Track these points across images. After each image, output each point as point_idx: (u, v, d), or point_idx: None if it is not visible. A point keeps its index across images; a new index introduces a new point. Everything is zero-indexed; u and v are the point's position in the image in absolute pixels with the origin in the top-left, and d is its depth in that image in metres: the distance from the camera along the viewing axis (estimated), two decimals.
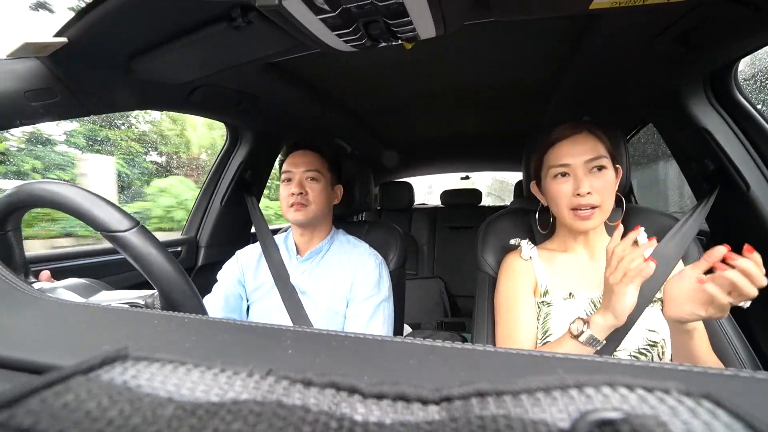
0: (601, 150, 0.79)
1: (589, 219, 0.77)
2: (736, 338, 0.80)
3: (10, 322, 0.36)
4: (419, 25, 0.66)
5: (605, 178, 0.77)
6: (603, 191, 0.77)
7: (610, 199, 0.78)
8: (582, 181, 0.76)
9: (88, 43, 0.75)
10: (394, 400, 0.15)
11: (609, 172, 0.78)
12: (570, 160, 0.78)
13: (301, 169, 1.05)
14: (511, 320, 0.83)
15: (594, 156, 0.77)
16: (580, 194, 0.76)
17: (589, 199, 0.76)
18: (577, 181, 0.77)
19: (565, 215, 0.80)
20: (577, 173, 0.78)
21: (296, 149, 1.11)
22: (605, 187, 0.77)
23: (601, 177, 0.77)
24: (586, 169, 0.78)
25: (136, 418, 0.13)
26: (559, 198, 0.80)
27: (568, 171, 0.79)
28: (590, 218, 0.77)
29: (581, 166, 0.78)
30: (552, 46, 1.03)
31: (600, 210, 0.77)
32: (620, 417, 0.12)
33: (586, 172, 0.77)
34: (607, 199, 0.77)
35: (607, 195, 0.77)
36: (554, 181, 0.81)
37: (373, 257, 1.09)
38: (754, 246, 0.55)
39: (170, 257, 0.50)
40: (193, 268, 1.50)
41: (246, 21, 0.69)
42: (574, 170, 0.78)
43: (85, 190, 0.49)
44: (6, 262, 0.54)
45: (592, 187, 0.76)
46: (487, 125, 1.87)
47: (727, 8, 0.70)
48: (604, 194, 0.77)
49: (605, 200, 0.77)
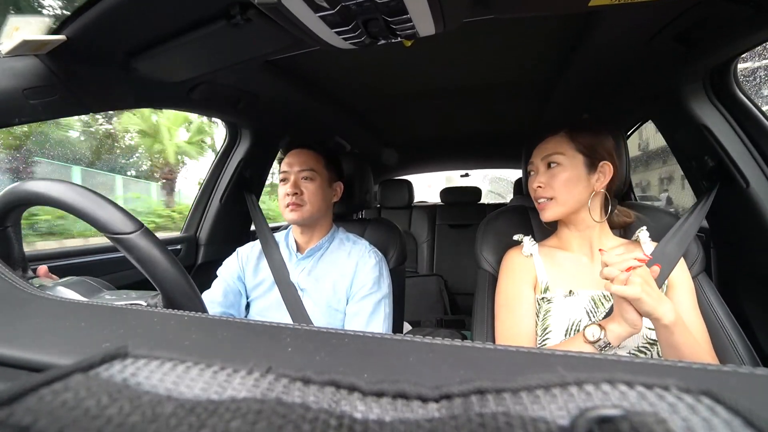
0: (565, 148, 0.83)
1: (544, 209, 0.86)
2: (735, 335, 0.80)
3: (10, 320, 0.36)
4: (418, 22, 0.66)
5: (553, 174, 0.84)
6: (554, 186, 0.83)
7: (565, 193, 0.83)
8: (540, 175, 0.86)
9: (87, 41, 0.74)
10: (394, 397, 0.15)
11: (561, 168, 0.83)
12: (535, 158, 0.89)
13: (296, 169, 1.05)
14: (511, 317, 0.83)
15: (548, 153, 0.85)
16: (534, 188, 0.87)
17: (543, 191, 0.85)
18: (536, 177, 0.87)
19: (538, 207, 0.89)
20: (540, 169, 0.87)
21: (291, 149, 1.11)
22: (556, 183, 0.83)
23: (552, 174, 0.84)
24: (545, 164, 0.86)
25: (135, 416, 0.13)
26: (531, 192, 0.90)
27: (533, 169, 0.90)
28: (543, 208, 0.86)
29: (541, 163, 0.87)
30: (551, 43, 1.03)
31: (555, 202, 0.84)
32: (620, 414, 0.12)
33: (545, 167, 0.86)
34: (561, 194, 0.83)
35: (560, 189, 0.83)
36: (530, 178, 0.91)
37: (374, 254, 1.09)
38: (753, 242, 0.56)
39: (174, 260, 0.50)
40: (192, 266, 1.50)
41: (245, 18, 0.69)
42: (536, 167, 0.88)
43: (91, 191, 0.49)
44: (5, 257, 0.54)
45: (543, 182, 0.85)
46: (486, 123, 1.86)
47: (727, 6, 0.70)
48: (555, 188, 0.83)
49: (559, 194, 0.83)
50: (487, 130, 1.97)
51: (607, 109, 1.36)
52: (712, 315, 0.82)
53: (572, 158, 0.82)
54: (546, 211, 0.85)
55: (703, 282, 0.87)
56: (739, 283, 1.07)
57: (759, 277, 1.00)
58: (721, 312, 0.83)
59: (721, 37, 0.80)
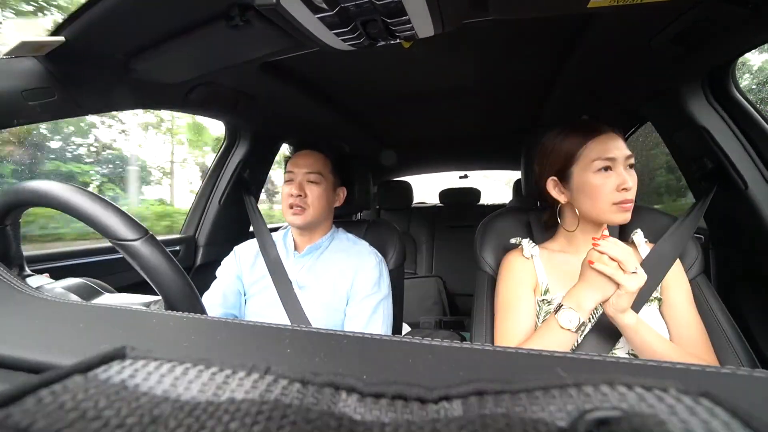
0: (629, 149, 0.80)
1: (629, 211, 0.78)
2: (734, 337, 0.80)
3: (8, 321, 0.35)
4: (417, 23, 0.66)
5: (634, 176, 0.79)
6: (634, 190, 0.78)
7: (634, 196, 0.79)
8: (626, 176, 0.77)
9: (85, 42, 0.74)
10: (393, 399, 0.15)
11: (634, 170, 0.79)
12: (615, 153, 0.78)
13: (303, 171, 1.05)
14: (511, 318, 0.83)
15: (630, 153, 0.79)
16: (627, 188, 0.76)
17: (632, 194, 0.77)
18: (621, 176, 0.77)
19: (606, 209, 0.79)
20: (619, 168, 0.78)
21: (300, 149, 1.10)
22: (635, 186, 0.78)
23: (634, 175, 0.79)
24: (626, 164, 0.79)
25: (133, 417, 0.13)
26: (603, 192, 0.78)
27: (611, 165, 0.78)
28: (629, 210, 0.78)
29: (622, 162, 0.78)
30: (550, 45, 1.03)
31: (632, 204, 0.78)
32: (619, 415, 0.12)
33: (626, 167, 0.79)
34: (634, 196, 0.79)
35: (635, 192, 0.79)
36: (597, 175, 0.79)
37: (373, 255, 1.09)
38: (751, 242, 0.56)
39: (178, 268, 0.50)
40: (191, 267, 1.50)
41: (244, 20, 0.69)
42: (616, 165, 0.78)
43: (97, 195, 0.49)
44: (2, 256, 0.54)
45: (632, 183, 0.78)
46: (485, 124, 1.86)
47: (725, 7, 0.70)
48: (635, 191, 0.78)
49: (634, 197, 0.78)
50: (487, 131, 1.97)
51: (607, 110, 1.37)
52: (710, 316, 0.82)
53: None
54: (629, 213, 0.78)
55: (702, 283, 0.87)
56: (737, 284, 1.08)
57: (758, 279, 1.00)
58: (720, 313, 0.83)
59: (720, 39, 0.80)
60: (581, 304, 0.69)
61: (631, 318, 0.67)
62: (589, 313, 0.69)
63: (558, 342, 0.70)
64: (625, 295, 0.65)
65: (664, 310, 0.79)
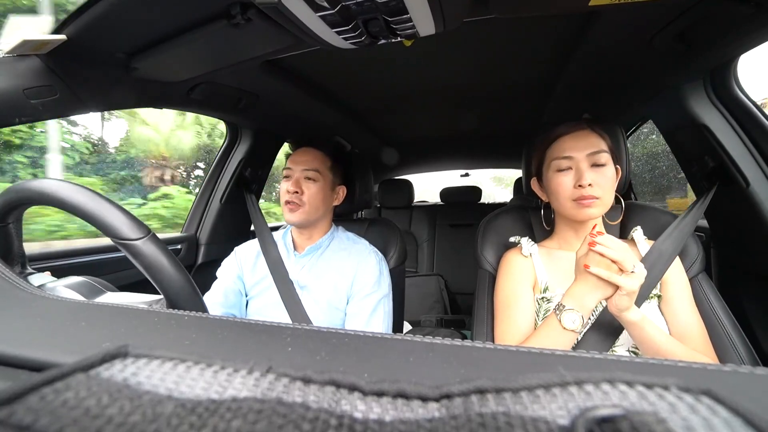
0: (603, 146, 0.80)
1: (590, 207, 0.78)
2: (735, 335, 0.80)
3: (10, 319, 0.36)
4: (418, 22, 0.66)
5: (605, 173, 0.79)
6: (603, 186, 0.78)
7: (609, 194, 0.80)
8: (584, 173, 0.78)
9: (87, 41, 0.74)
10: (394, 397, 0.15)
11: (609, 169, 0.80)
12: (572, 153, 0.80)
13: (300, 168, 1.05)
14: (511, 316, 0.83)
15: (595, 150, 0.79)
16: (582, 185, 0.77)
17: (590, 191, 0.77)
18: (579, 173, 0.79)
19: (567, 206, 0.81)
20: (579, 166, 0.79)
21: (299, 146, 1.10)
22: (605, 183, 0.78)
23: (602, 172, 0.79)
24: (588, 162, 0.79)
25: (135, 415, 0.13)
26: (561, 191, 0.81)
27: (571, 164, 0.80)
28: (591, 206, 0.78)
29: (583, 160, 0.79)
30: (551, 43, 1.03)
31: (601, 201, 0.78)
32: (620, 413, 0.12)
33: (587, 165, 0.79)
34: (606, 194, 0.79)
35: (607, 190, 0.79)
36: (556, 175, 0.82)
37: (374, 254, 1.09)
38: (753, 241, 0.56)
39: (180, 267, 0.50)
40: (193, 266, 1.50)
41: (245, 18, 0.69)
42: (576, 163, 0.80)
43: (99, 194, 0.49)
44: (4, 253, 0.55)
45: (593, 180, 0.77)
46: (487, 122, 1.86)
47: (728, 5, 0.69)
48: (604, 189, 0.78)
49: (605, 194, 0.78)
50: (488, 129, 1.97)
51: (608, 108, 1.36)
52: (711, 315, 0.82)
53: (609, 157, 0.80)
54: (593, 208, 0.78)
55: (703, 281, 0.87)
56: (738, 282, 1.07)
57: (759, 277, 1.00)
58: (721, 311, 0.83)
59: (722, 37, 0.80)
60: (583, 304, 0.69)
61: (636, 315, 0.67)
62: (590, 312, 0.69)
63: (560, 341, 0.70)
64: (626, 295, 0.65)
65: (664, 307, 0.79)
